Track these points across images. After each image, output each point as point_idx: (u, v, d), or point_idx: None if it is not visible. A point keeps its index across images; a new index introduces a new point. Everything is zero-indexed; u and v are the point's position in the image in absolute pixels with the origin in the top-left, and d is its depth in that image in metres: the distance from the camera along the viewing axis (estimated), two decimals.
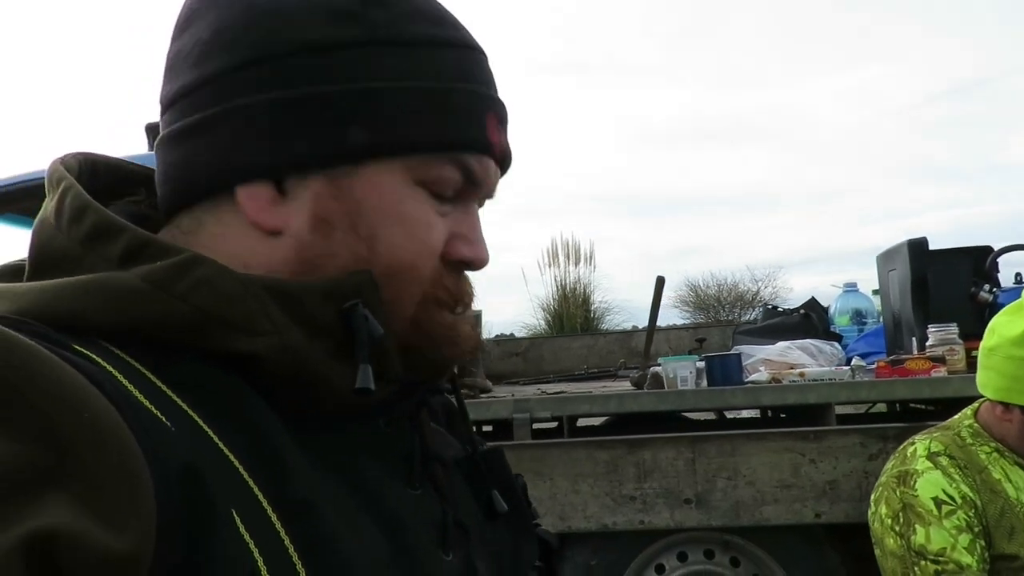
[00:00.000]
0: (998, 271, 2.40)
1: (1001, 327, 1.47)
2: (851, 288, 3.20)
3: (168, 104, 0.50)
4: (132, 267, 0.42)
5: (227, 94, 0.47)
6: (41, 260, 0.45)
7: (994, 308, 2.25)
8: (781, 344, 2.54)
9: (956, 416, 1.63)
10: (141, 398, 0.38)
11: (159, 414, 0.37)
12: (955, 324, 2.19)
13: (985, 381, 1.51)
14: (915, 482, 1.48)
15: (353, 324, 0.44)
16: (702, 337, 3.79)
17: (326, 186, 0.47)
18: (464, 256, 0.51)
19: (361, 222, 0.47)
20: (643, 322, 4.16)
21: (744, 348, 2.59)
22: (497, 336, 5.75)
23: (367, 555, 0.42)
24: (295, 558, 0.38)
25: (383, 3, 0.49)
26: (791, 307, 3.49)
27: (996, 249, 2.42)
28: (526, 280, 9.36)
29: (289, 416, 0.43)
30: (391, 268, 0.47)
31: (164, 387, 0.40)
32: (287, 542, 0.38)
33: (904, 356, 2.15)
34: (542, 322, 9.61)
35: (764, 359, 2.44)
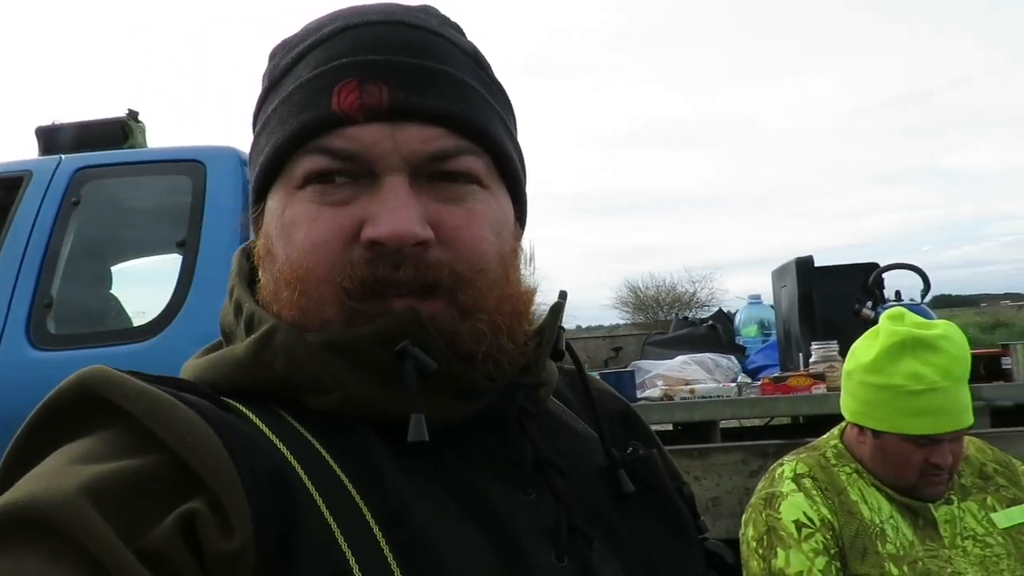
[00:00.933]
0: (882, 288, 2.48)
1: (859, 352, 1.50)
2: (755, 300, 3.27)
3: None
4: (251, 335, 0.50)
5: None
6: (223, 331, 0.55)
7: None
8: (679, 359, 2.57)
9: (824, 436, 1.66)
10: (262, 427, 0.46)
11: (271, 435, 0.45)
12: (836, 341, 2.25)
13: (844, 403, 1.54)
14: (779, 505, 1.50)
15: (402, 369, 0.46)
16: (619, 347, 3.84)
17: (261, 227, 0.54)
18: (368, 236, 0.48)
19: (271, 247, 0.52)
20: (585, 323, 4.19)
21: (643, 363, 2.62)
22: None
23: (468, 559, 0.44)
24: (391, 559, 0.42)
25: (273, 55, 0.56)
26: (702, 318, 3.56)
27: (881, 266, 2.50)
28: None
29: (394, 438, 0.47)
30: (292, 279, 0.49)
31: (293, 421, 0.47)
32: (384, 546, 0.42)
33: (788, 373, 2.20)
34: None
35: (661, 374, 2.46)
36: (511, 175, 0.56)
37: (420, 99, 0.49)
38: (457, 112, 0.50)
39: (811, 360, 2.23)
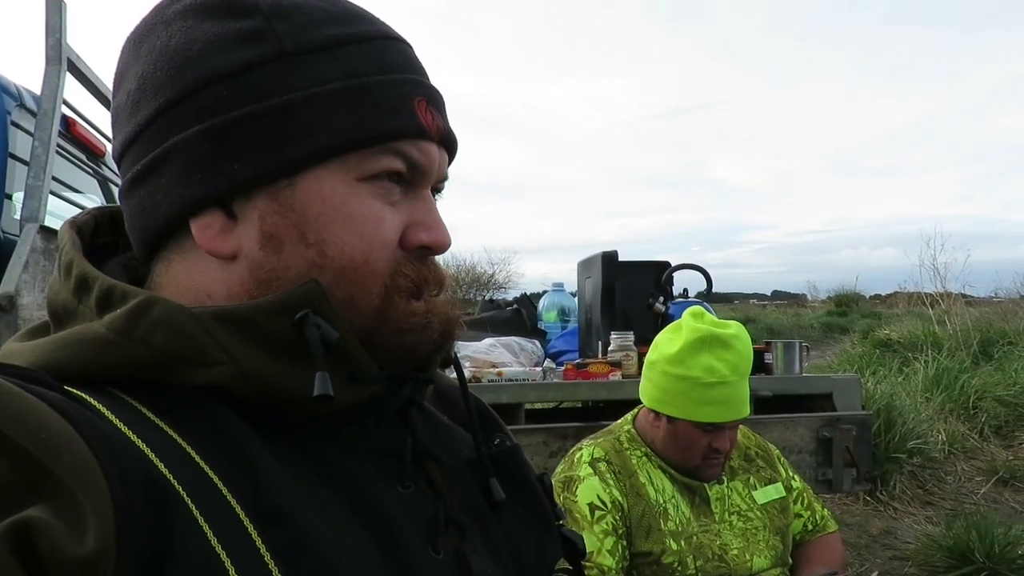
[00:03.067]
0: (672, 285, 2.71)
1: (662, 344, 1.63)
2: (558, 287, 3.43)
3: (119, 159, 0.54)
4: (105, 314, 0.46)
5: (161, 136, 0.50)
6: (52, 312, 0.51)
7: (666, 318, 2.54)
8: (487, 341, 2.62)
9: (619, 421, 1.78)
10: (117, 423, 0.41)
11: (132, 436, 0.41)
12: (632, 332, 2.43)
13: (644, 390, 1.66)
14: (576, 488, 1.58)
15: (305, 335, 0.46)
16: None
17: (269, 203, 0.49)
18: (423, 241, 0.52)
19: (308, 230, 0.49)
20: None
21: None
22: None
23: (350, 555, 0.44)
24: (269, 561, 0.40)
25: (284, 16, 0.51)
26: (508, 300, 3.66)
27: (672, 265, 2.74)
28: None
29: (274, 427, 0.46)
30: (345, 268, 0.49)
31: (151, 415, 0.44)
32: (261, 547, 0.41)
33: (589, 360, 2.33)
34: None
35: (469, 356, 2.49)
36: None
37: (452, 129, 0.56)
38: (456, 144, 0.58)
39: (610, 349, 2.39)
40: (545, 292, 3.44)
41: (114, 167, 3.36)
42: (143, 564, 0.36)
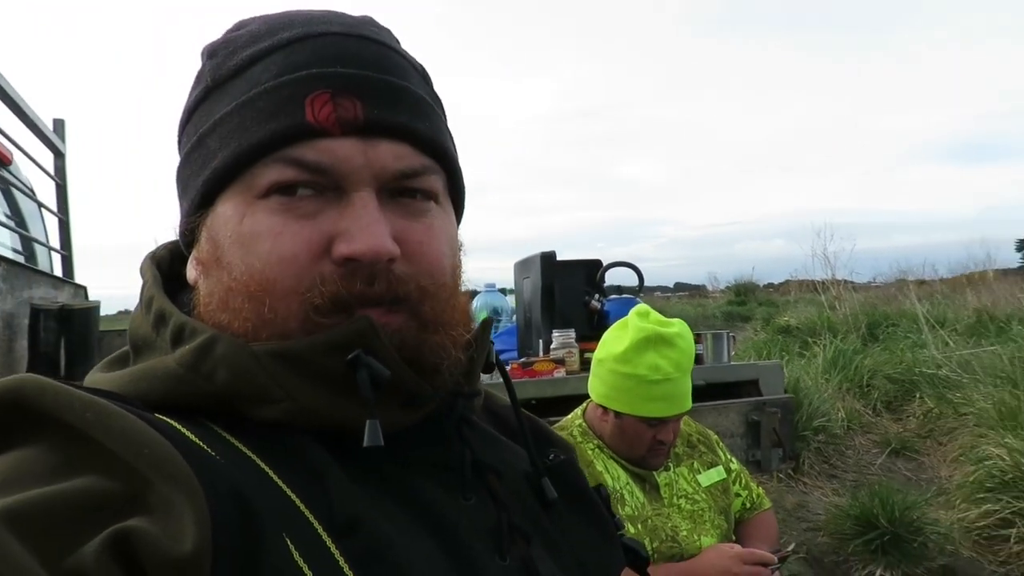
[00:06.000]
0: (605, 283, 2.83)
1: (609, 343, 1.71)
2: (491, 288, 3.48)
3: None
4: (177, 347, 0.48)
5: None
6: (132, 343, 0.52)
7: (601, 315, 2.65)
8: None
9: (569, 416, 1.86)
10: (202, 445, 0.43)
11: (216, 455, 0.43)
12: (573, 329, 2.52)
13: (592, 386, 1.75)
14: None
15: (356, 378, 0.46)
16: None
17: (204, 232, 0.52)
18: (343, 253, 0.48)
19: (223, 255, 0.50)
20: None
21: None
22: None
23: (422, 562, 0.45)
24: (347, 569, 0.42)
25: (214, 53, 0.53)
26: None
27: (605, 264, 2.86)
28: None
29: (341, 448, 0.47)
30: (251, 289, 0.48)
31: (229, 437, 0.45)
32: (338, 556, 0.42)
33: (534, 359, 2.40)
34: None
35: None
36: (460, 193, 0.58)
37: (392, 116, 0.50)
38: (422, 130, 0.51)
39: (552, 346, 2.47)
40: (477, 292, 3.49)
41: (17, 174, 3.16)
42: (235, 568, 0.38)
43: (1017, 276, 11.85)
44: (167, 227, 0.58)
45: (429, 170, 0.52)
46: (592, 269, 2.80)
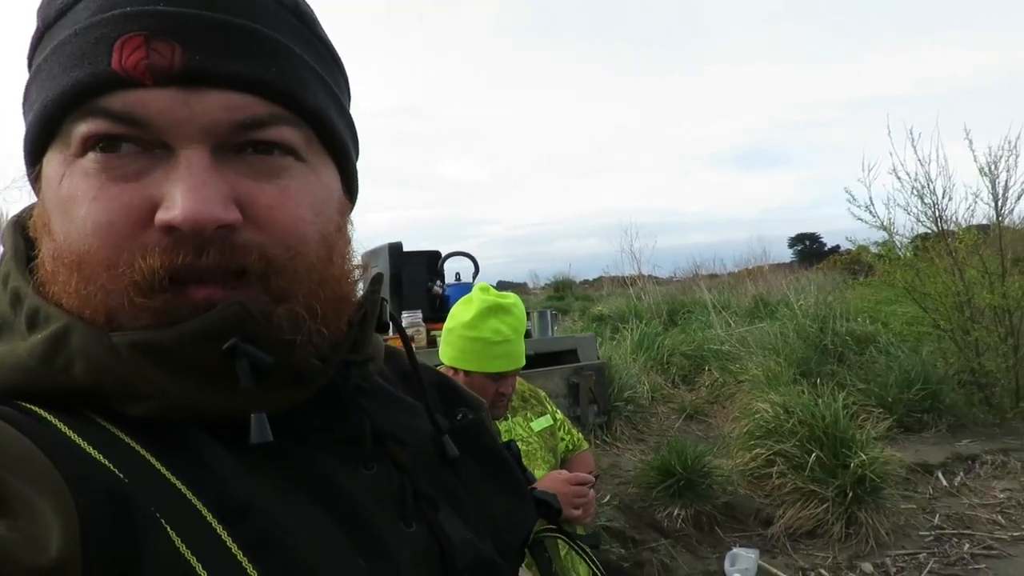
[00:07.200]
0: (444, 271, 3.15)
1: (458, 314, 2.04)
2: None
3: None
4: (32, 333, 0.44)
5: None
6: None
7: (443, 299, 2.97)
8: None
9: None
10: (71, 435, 0.39)
11: (86, 445, 0.39)
12: (420, 311, 2.82)
13: (443, 352, 2.06)
14: None
15: (236, 370, 0.41)
16: None
17: (40, 195, 0.47)
18: (163, 220, 0.41)
19: (49, 219, 0.44)
20: None
21: None
22: None
23: (320, 542, 0.43)
24: (240, 557, 0.39)
25: None
26: None
27: (444, 254, 3.18)
28: None
29: (228, 430, 0.43)
30: (72, 259, 0.42)
31: (112, 428, 0.42)
32: (230, 544, 0.39)
33: (386, 337, 2.66)
34: None
35: None
36: (338, 146, 0.50)
37: (219, 64, 0.42)
38: (267, 78, 0.44)
39: (403, 325, 2.74)
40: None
41: None
42: (111, 568, 0.35)
43: (788, 269, 13.88)
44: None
45: (280, 119, 0.45)
46: (433, 259, 3.11)
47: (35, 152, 0.46)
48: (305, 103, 0.46)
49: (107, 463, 0.39)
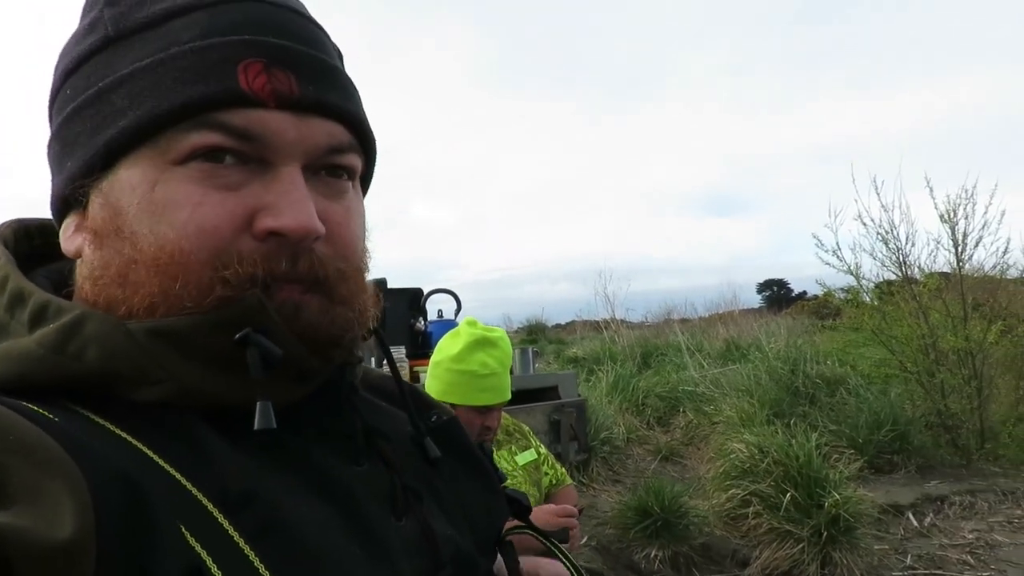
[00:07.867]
0: (426, 308, 3.18)
1: (445, 348, 2.06)
2: None
3: None
4: (37, 329, 0.45)
5: (49, 142, 0.51)
6: None
7: (426, 335, 2.99)
8: None
9: None
10: (69, 427, 0.40)
11: (88, 439, 0.40)
12: (404, 347, 2.84)
13: (430, 386, 2.07)
14: None
15: (247, 357, 0.44)
16: None
17: (97, 198, 0.47)
18: (268, 227, 0.45)
19: (124, 223, 0.46)
20: None
21: None
22: None
23: (318, 531, 0.44)
24: (243, 545, 0.40)
25: (113, 1, 0.49)
26: None
27: (426, 292, 3.21)
28: None
29: (228, 421, 0.45)
30: (159, 261, 0.45)
31: (100, 420, 0.43)
32: (232, 532, 0.40)
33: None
34: None
35: None
36: (371, 174, 0.58)
37: (324, 95, 0.48)
38: (352, 110, 0.50)
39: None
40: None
41: None
42: (123, 555, 0.36)
43: (757, 313, 14.14)
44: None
45: (353, 148, 0.51)
46: (416, 296, 3.14)
47: (110, 157, 0.47)
48: (368, 135, 0.53)
49: (112, 451, 0.40)
